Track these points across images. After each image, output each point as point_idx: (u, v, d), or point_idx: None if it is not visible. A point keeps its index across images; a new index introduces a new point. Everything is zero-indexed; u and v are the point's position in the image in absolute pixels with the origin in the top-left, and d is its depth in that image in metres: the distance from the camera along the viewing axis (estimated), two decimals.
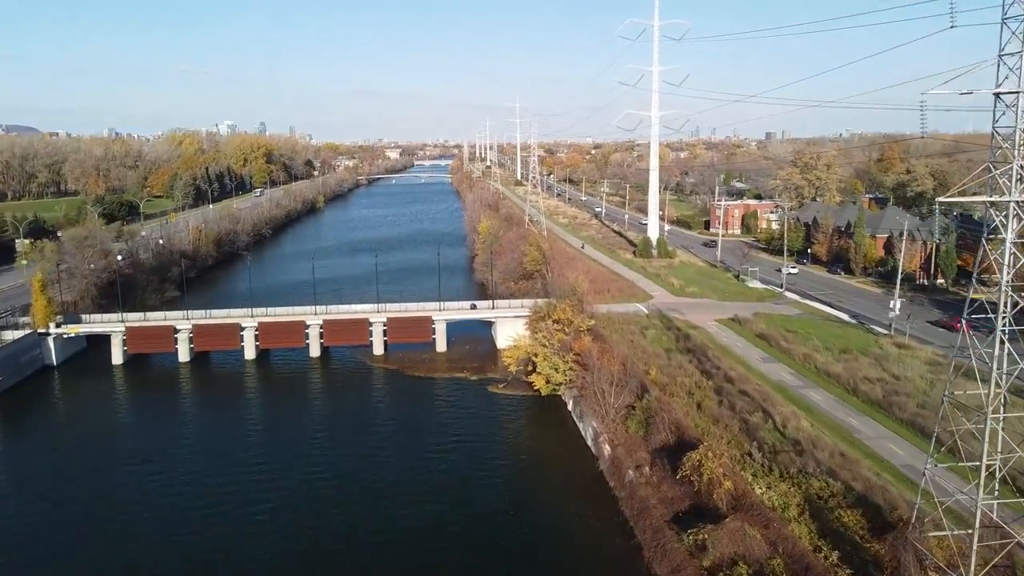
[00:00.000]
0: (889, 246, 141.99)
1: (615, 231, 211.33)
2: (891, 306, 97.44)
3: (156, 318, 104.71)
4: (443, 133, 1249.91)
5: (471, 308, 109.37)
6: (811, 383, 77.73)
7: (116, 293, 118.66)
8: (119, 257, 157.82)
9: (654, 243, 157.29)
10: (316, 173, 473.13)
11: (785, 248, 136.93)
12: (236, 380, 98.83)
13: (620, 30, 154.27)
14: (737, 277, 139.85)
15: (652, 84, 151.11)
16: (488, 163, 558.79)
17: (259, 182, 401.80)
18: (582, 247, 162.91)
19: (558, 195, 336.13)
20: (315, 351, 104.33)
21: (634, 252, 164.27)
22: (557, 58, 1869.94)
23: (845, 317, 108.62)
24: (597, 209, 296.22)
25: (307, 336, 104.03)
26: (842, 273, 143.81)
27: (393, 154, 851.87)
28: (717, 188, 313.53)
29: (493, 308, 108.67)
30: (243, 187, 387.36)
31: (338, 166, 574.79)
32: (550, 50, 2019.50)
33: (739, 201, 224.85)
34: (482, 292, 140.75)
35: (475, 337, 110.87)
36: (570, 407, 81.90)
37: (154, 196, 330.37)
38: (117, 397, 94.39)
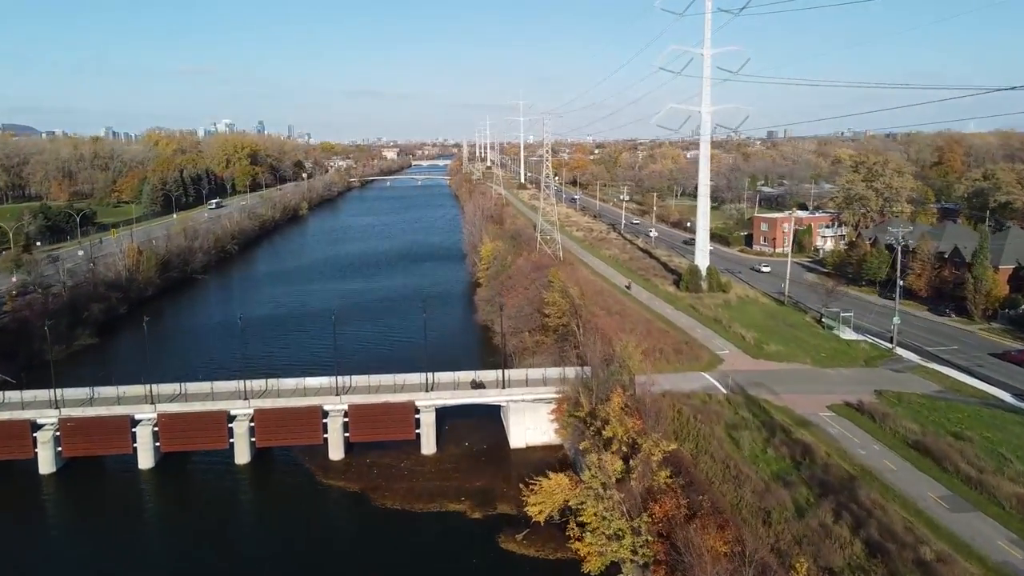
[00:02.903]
0: (1017, 281, 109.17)
1: (641, 248, 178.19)
2: None
3: (11, 404, 71.50)
4: (442, 132, 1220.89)
5: (472, 387, 76.18)
6: None
7: None
8: (31, 290, 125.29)
9: (703, 272, 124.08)
10: (305, 175, 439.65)
11: (898, 288, 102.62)
12: (121, 506, 65.67)
13: (660, 2, 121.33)
14: (819, 322, 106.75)
15: (704, 71, 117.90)
16: (489, 164, 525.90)
17: (242, 185, 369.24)
18: (628, 287, 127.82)
19: (568, 201, 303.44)
20: (243, 455, 71.12)
21: (675, 282, 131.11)
22: (558, 57, 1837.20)
23: (1007, 397, 75.59)
24: (608, 211, 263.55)
25: (231, 433, 70.93)
26: (952, 315, 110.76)
27: (390, 154, 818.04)
28: (746, 194, 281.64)
29: (504, 388, 75.46)
30: (223, 191, 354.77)
31: (331, 167, 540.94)
32: (551, 49, 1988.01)
33: (787, 213, 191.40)
34: (486, 343, 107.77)
35: (477, 428, 77.73)
36: None
37: (123, 201, 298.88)
38: None
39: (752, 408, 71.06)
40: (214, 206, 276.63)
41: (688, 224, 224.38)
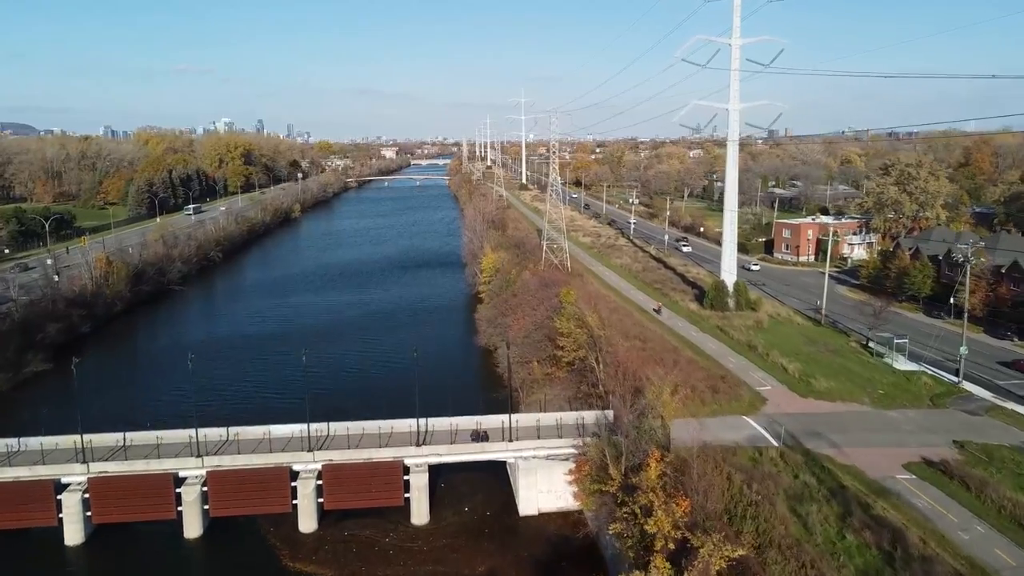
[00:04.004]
0: None
1: (654, 257, 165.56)
2: None
3: None
4: (442, 131, 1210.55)
5: (473, 439, 63.45)
6: None
7: None
8: None
9: (731, 288, 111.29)
10: (300, 175, 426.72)
11: (965, 313, 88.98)
12: None
13: None
14: (866, 347, 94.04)
15: (731, 63, 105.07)
16: (489, 163, 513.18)
17: (234, 186, 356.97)
18: (658, 311, 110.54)
19: (569, 200, 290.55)
20: (193, 527, 58.42)
21: (697, 297, 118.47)
22: (559, 56, 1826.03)
23: None
24: (615, 214, 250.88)
25: (179, 499, 58.27)
26: (1015, 339, 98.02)
27: (389, 153, 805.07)
28: (759, 196, 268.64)
29: (511, 440, 62.80)
30: (215, 192, 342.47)
31: (329, 167, 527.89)
32: (552, 48, 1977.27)
33: (810, 218, 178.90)
34: (489, 372, 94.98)
35: (479, 487, 65.11)
36: None
37: (109, 203, 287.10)
38: None
39: (814, 469, 58.36)
40: (191, 212, 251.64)
41: (702, 228, 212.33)
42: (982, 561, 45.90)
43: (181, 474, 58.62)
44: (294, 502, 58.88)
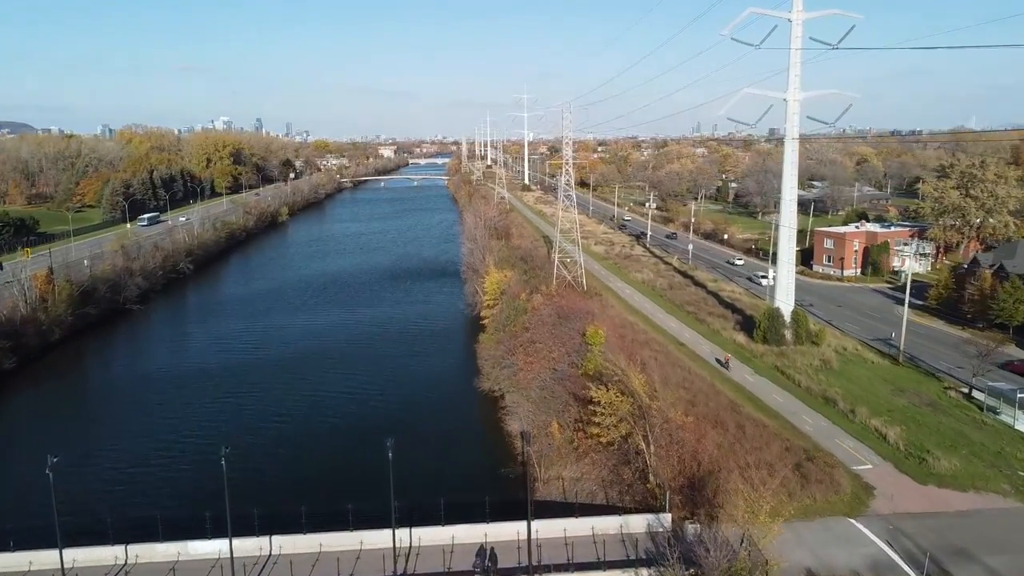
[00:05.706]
0: None
1: (678, 270, 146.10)
2: None
3: None
4: (441, 130, 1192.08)
5: (476, 568, 43.70)
6: None
7: None
8: None
9: (787, 318, 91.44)
10: (292, 175, 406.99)
11: None
12: None
13: None
14: (970, 397, 74.42)
15: (791, 42, 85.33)
16: (489, 162, 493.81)
17: (221, 187, 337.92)
18: (725, 364, 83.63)
19: (584, 203, 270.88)
20: None
21: (740, 324, 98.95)
22: (560, 55, 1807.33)
23: None
24: (626, 218, 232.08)
25: None
26: None
27: (387, 152, 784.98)
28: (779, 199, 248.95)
29: (532, 574, 43.11)
30: (196, 194, 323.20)
31: (324, 166, 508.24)
32: (553, 47, 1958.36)
33: (853, 227, 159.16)
34: (495, 434, 74.90)
35: None
36: None
37: (87, 206, 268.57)
38: None
39: None
40: (146, 223, 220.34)
41: (726, 235, 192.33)
42: None
43: None
44: None
